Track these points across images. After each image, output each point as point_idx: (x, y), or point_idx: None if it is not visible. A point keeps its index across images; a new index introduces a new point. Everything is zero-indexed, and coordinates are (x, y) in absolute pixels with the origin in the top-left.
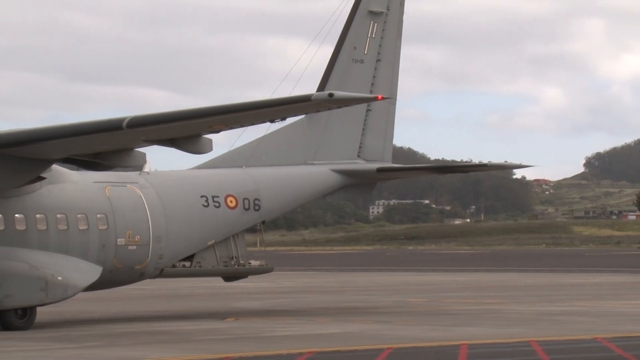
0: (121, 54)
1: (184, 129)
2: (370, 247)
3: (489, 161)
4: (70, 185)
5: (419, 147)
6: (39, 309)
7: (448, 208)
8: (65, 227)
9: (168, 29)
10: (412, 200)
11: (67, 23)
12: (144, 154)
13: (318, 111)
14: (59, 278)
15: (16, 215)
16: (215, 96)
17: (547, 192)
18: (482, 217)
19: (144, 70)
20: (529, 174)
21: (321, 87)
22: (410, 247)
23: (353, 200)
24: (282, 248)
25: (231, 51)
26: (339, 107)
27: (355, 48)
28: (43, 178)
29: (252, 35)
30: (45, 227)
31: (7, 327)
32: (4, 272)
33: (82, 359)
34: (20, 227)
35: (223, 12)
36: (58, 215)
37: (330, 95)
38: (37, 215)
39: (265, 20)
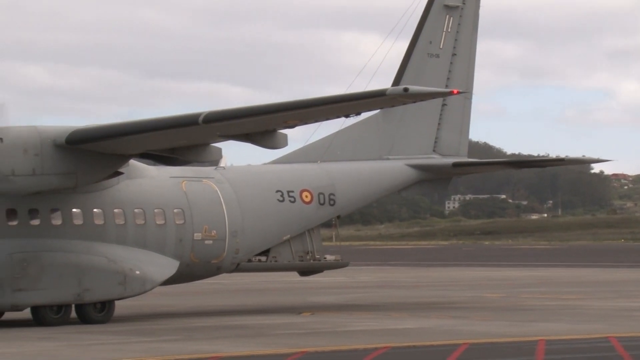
0: (197, 50)
1: (260, 124)
2: (445, 242)
3: (566, 155)
4: (147, 180)
5: (495, 142)
6: (117, 302)
7: (525, 203)
8: (143, 222)
9: (243, 25)
10: (488, 195)
11: (144, 20)
12: (220, 149)
13: (393, 106)
14: (137, 272)
15: (95, 209)
16: (290, 91)
17: (625, 187)
18: (560, 212)
19: (219, 66)
20: (607, 169)
21: (396, 81)
22: (487, 242)
23: (428, 195)
24: (358, 243)
25: (306, 46)
26: (414, 102)
27: (430, 42)
28: (121, 173)
29: (327, 30)
30: (123, 222)
31: (86, 320)
32: (83, 267)
33: (159, 353)
34: (99, 221)
35: (298, 7)
36: (136, 210)
37: (405, 89)
38: (115, 210)
39: (340, 15)
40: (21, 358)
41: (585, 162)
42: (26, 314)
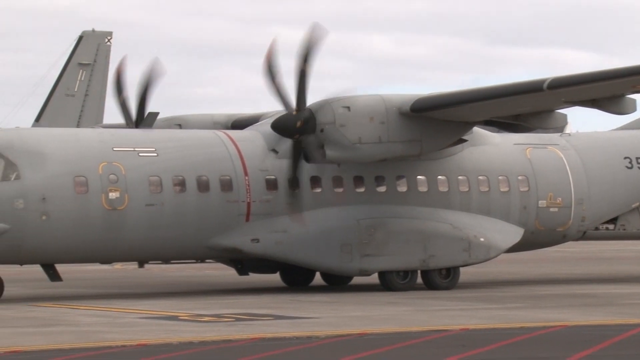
0: (540, 15)
1: (606, 90)
2: None
3: None
4: (491, 147)
5: None
6: (462, 269)
7: None
8: (487, 189)
9: None
10: None
11: None
12: (565, 116)
13: None
14: (481, 239)
15: (439, 177)
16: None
17: None
18: None
19: (564, 31)
20: None
21: None
22: None
23: None
24: None
25: None
26: None
27: None
28: (464, 140)
29: None
30: (467, 189)
31: (432, 286)
32: (429, 233)
33: (506, 320)
34: (443, 188)
35: None
36: (479, 177)
37: None
38: (459, 177)
39: None
40: (369, 322)
41: None
42: (373, 278)
